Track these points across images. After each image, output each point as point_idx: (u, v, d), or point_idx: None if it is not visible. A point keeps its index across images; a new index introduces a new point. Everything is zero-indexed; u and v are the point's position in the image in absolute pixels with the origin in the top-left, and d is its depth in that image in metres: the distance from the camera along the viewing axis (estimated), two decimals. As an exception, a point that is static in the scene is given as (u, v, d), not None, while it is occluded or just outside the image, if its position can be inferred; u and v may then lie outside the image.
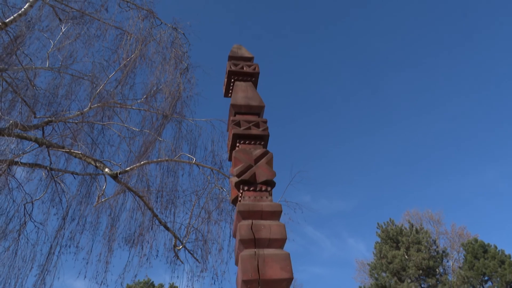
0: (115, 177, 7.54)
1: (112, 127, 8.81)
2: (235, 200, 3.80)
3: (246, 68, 4.61)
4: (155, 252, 7.89)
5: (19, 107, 7.97)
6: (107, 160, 8.22)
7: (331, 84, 69.93)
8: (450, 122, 61.61)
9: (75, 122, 8.30)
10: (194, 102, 9.89)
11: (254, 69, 4.63)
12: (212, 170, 8.48)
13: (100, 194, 7.74)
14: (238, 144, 3.97)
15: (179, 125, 8.99)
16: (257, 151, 3.85)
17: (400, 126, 62.91)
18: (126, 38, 8.66)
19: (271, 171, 3.73)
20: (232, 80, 4.61)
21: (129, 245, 7.75)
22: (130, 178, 7.85)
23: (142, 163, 7.81)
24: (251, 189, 3.62)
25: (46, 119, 7.79)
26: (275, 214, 3.47)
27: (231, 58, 4.71)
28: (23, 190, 7.51)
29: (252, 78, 4.64)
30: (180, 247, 8.22)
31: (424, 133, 61.25)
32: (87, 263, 7.26)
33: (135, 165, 7.76)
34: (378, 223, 29.57)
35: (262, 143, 4.02)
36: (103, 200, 7.78)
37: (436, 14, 64.48)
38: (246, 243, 3.23)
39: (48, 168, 7.65)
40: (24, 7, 7.73)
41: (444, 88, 62.40)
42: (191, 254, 8.25)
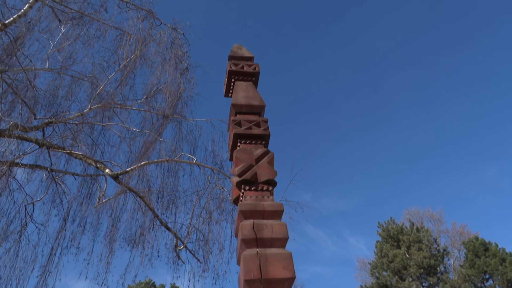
0: (115, 177, 7.53)
1: (112, 128, 8.82)
2: (236, 200, 3.80)
3: (246, 68, 4.60)
4: (156, 253, 7.90)
5: (19, 109, 7.98)
6: (108, 161, 8.23)
7: (332, 83, 69.99)
8: (451, 122, 61.66)
9: (75, 123, 8.30)
10: (194, 102, 9.96)
11: (255, 68, 4.62)
12: (212, 170, 8.48)
13: (101, 195, 7.74)
14: (239, 144, 3.97)
15: (179, 125, 9.00)
16: (258, 150, 3.84)
17: (400, 125, 62.99)
18: (126, 38, 8.65)
19: (272, 171, 3.72)
20: (233, 80, 4.60)
21: (130, 245, 7.75)
22: (130, 179, 7.84)
23: (143, 163, 7.80)
24: (253, 188, 3.61)
25: (46, 120, 7.79)
26: (277, 213, 3.47)
27: (231, 58, 4.70)
28: (24, 191, 7.53)
29: (252, 77, 4.63)
30: (181, 247, 8.22)
31: (425, 132, 61.32)
32: (88, 264, 7.26)
33: (136, 165, 7.75)
34: (379, 222, 29.57)
35: (263, 142, 4.01)
36: (104, 201, 7.78)
37: (436, 14, 64.53)
38: (248, 243, 3.22)
39: (48, 169, 7.65)
40: (24, 8, 7.72)
41: (444, 87, 62.44)
42: (192, 254, 8.25)
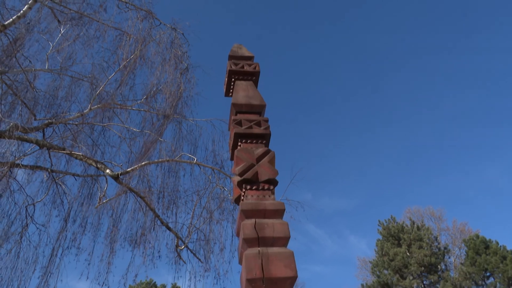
0: (116, 178, 7.53)
1: (112, 128, 8.82)
2: (237, 199, 3.79)
3: (246, 67, 4.59)
4: (157, 253, 7.90)
5: (19, 110, 7.98)
6: (108, 161, 8.24)
7: (332, 83, 70.01)
8: (451, 121, 61.66)
9: (76, 123, 8.30)
10: (194, 102, 9.99)
11: (255, 68, 4.62)
12: (213, 170, 8.48)
13: (102, 195, 7.73)
14: (240, 143, 3.96)
15: (180, 125, 9.00)
16: (259, 150, 3.83)
17: (400, 124, 63.02)
18: (126, 39, 8.65)
19: (273, 170, 3.72)
20: (233, 79, 4.59)
21: (131, 246, 7.75)
22: (131, 179, 7.84)
23: (143, 163, 7.80)
24: (254, 188, 3.61)
25: (47, 121, 7.80)
26: (278, 212, 3.47)
27: (231, 58, 4.69)
28: (25, 192, 7.54)
29: (252, 77, 4.62)
30: (183, 247, 8.21)
31: (425, 131, 61.37)
32: (89, 264, 7.27)
33: (136, 166, 7.74)
34: (380, 221, 29.57)
35: (264, 142, 4.01)
36: (105, 201, 7.77)
37: (436, 14, 64.50)
38: (250, 242, 3.22)
39: (49, 170, 7.65)
40: (23, 9, 7.72)
41: (444, 87, 62.45)
42: (193, 254, 8.25)
